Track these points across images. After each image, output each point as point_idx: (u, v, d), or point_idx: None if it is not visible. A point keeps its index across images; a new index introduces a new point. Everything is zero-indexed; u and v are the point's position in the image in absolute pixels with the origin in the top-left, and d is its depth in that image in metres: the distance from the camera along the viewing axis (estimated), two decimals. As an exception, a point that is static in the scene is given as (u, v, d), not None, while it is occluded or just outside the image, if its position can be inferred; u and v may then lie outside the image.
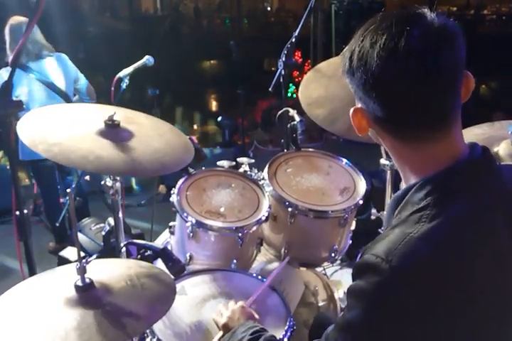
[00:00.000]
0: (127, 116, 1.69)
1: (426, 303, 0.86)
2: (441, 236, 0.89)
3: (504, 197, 0.96)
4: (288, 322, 1.65)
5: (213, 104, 9.67)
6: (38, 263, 1.77)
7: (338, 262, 3.01)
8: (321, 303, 2.17)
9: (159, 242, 2.38)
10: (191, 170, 2.14)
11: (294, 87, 6.30)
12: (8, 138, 1.62)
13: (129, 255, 1.85)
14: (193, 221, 1.95)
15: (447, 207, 0.91)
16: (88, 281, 1.23)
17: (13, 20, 3.33)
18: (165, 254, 1.56)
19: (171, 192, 2.08)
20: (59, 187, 3.73)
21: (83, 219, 3.19)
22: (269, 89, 2.91)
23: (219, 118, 6.04)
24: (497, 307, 0.92)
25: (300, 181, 2.20)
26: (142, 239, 2.98)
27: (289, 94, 4.79)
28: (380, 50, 0.88)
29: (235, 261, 2.00)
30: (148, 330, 1.56)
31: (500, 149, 1.66)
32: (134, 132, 1.62)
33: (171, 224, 2.13)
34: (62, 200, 3.81)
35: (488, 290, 0.90)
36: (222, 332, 1.55)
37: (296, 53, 7.25)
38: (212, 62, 12.21)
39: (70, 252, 2.83)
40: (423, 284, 0.86)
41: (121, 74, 2.48)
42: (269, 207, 2.08)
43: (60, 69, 3.44)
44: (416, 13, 0.92)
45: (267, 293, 1.79)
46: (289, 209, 2.05)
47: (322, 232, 2.15)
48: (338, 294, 2.24)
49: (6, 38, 3.34)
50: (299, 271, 2.23)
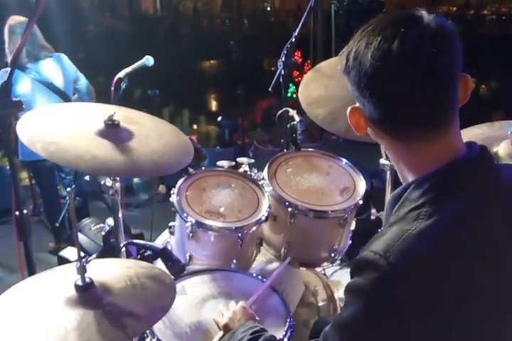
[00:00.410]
0: (129, 117, 1.68)
1: (424, 300, 0.86)
2: (440, 234, 0.89)
3: (502, 196, 0.96)
4: (288, 322, 1.65)
5: (213, 104, 9.66)
6: (38, 263, 1.76)
7: (338, 262, 3.01)
8: (320, 303, 2.17)
9: (159, 242, 2.37)
10: (191, 170, 2.14)
11: (293, 87, 6.29)
12: (8, 139, 1.62)
13: (128, 255, 1.84)
14: (193, 221, 1.95)
15: (445, 205, 0.91)
16: (88, 281, 1.23)
17: (13, 19, 3.30)
18: (165, 254, 1.56)
19: (171, 192, 2.07)
20: (58, 187, 3.73)
21: (83, 219, 3.19)
22: (269, 89, 2.91)
23: (219, 118, 6.04)
24: (495, 305, 0.92)
25: (300, 181, 2.20)
26: (142, 239, 2.98)
27: (288, 94, 4.77)
28: (374, 50, 0.89)
29: (234, 261, 2.01)
30: (148, 330, 1.56)
31: (500, 149, 1.66)
32: (134, 132, 1.60)
33: (171, 224, 2.13)
34: (62, 200, 3.81)
35: (486, 288, 0.91)
36: (222, 332, 1.55)
37: (295, 53, 7.26)
38: (212, 62, 12.21)
39: (70, 252, 2.83)
40: (421, 281, 0.86)
41: (121, 74, 2.48)
42: (269, 207, 2.08)
43: (59, 69, 3.43)
44: (413, 14, 0.92)
45: (267, 293, 1.79)
46: (289, 209, 2.05)
47: (322, 232, 2.15)
48: (338, 294, 2.24)
49: (5, 38, 3.32)
50: (299, 271, 2.23)
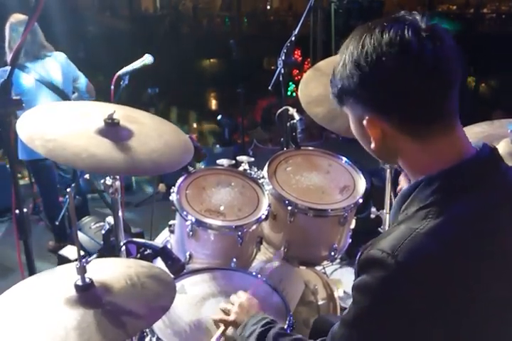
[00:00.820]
0: (130, 115, 1.67)
1: (431, 299, 0.86)
2: (448, 233, 0.90)
3: (510, 196, 0.96)
4: (288, 321, 1.65)
5: (213, 103, 9.66)
6: (38, 262, 1.77)
7: (338, 261, 3.01)
8: (320, 302, 2.17)
9: (159, 241, 2.38)
10: (191, 169, 2.15)
11: (293, 86, 6.29)
12: (8, 137, 1.62)
13: (128, 254, 1.84)
14: (193, 219, 1.95)
15: (454, 205, 0.91)
16: (88, 281, 1.23)
17: (14, 18, 3.29)
18: (164, 253, 1.56)
19: (171, 190, 2.08)
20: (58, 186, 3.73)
21: (83, 218, 3.19)
22: (269, 87, 2.90)
23: (219, 116, 6.04)
24: (500, 305, 0.93)
25: (300, 180, 2.20)
26: (142, 237, 2.98)
27: (288, 93, 4.76)
28: (388, 48, 0.90)
29: (234, 260, 2.00)
30: (147, 329, 1.56)
31: (500, 148, 1.66)
32: (134, 131, 1.59)
33: (171, 222, 2.13)
34: (61, 199, 3.81)
35: (491, 288, 0.91)
36: (221, 329, 1.54)
37: (295, 52, 7.24)
38: (212, 60, 12.20)
39: (70, 251, 2.83)
40: (428, 280, 0.87)
41: (120, 73, 2.48)
42: (269, 205, 2.08)
43: (58, 68, 3.43)
44: (401, 17, 0.94)
45: (267, 292, 1.79)
46: (289, 208, 2.05)
47: (322, 231, 2.15)
48: (338, 293, 2.24)
49: (6, 36, 3.32)
50: (299, 269, 2.24)
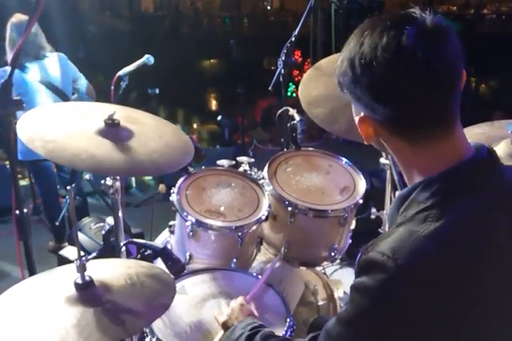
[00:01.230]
0: (131, 116, 1.67)
1: (430, 302, 0.86)
2: (448, 236, 0.89)
3: (506, 197, 0.96)
4: (288, 322, 1.65)
5: (213, 103, 9.66)
6: (38, 263, 1.76)
7: (338, 261, 3.01)
8: (320, 303, 2.17)
9: (159, 241, 2.38)
10: (191, 170, 2.15)
11: (293, 86, 6.30)
12: (8, 138, 1.62)
13: (128, 254, 1.84)
14: (193, 220, 1.95)
15: (453, 207, 0.91)
16: (88, 279, 1.23)
17: (15, 18, 3.29)
18: (165, 253, 1.56)
19: (171, 191, 2.08)
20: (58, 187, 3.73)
21: (83, 219, 3.19)
22: (269, 88, 2.90)
23: (219, 117, 6.03)
24: (498, 307, 0.93)
25: (300, 180, 2.20)
26: (142, 238, 2.98)
27: (288, 93, 4.77)
28: (383, 52, 0.89)
29: (234, 261, 2.01)
30: (147, 330, 1.56)
31: (500, 148, 1.66)
32: (134, 132, 1.59)
33: (171, 223, 2.13)
34: (61, 200, 3.81)
35: (490, 290, 0.91)
36: (223, 332, 1.55)
37: (295, 52, 7.25)
38: (212, 61, 12.21)
39: (70, 251, 2.83)
40: (428, 283, 0.87)
41: (120, 73, 2.48)
42: (269, 206, 2.08)
43: (58, 68, 3.42)
44: (409, 14, 0.92)
45: (267, 292, 1.79)
46: (289, 209, 2.05)
47: (322, 231, 2.15)
48: (338, 293, 2.24)
49: (6, 36, 3.32)
50: (299, 270, 2.24)
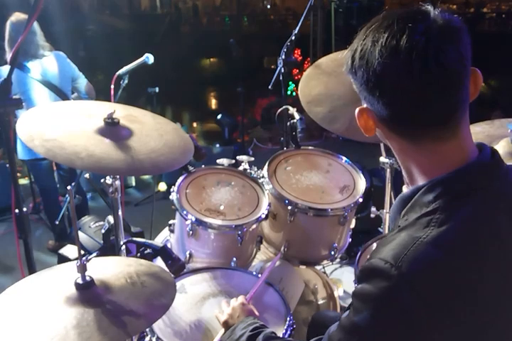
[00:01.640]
0: (130, 115, 1.67)
1: (434, 310, 0.85)
2: (451, 242, 0.88)
3: (508, 198, 0.95)
4: (288, 321, 1.65)
5: (213, 102, 9.67)
6: (38, 261, 1.77)
7: (338, 260, 3.02)
8: (320, 301, 2.17)
9: (159, 240, 2.38)
10: (191, 168, 2.15)
11: (293, 85, 6.31)
12: (8, 136, 1.62)
13: (128, 253, 1.84)
14: (193, 219, 1.95)
15: (457, 212, 0.89)
16: (88, 279, 1.23)
17: (15, 16, 3.29)
18: (164, 252, 1.55)
19: (171, 190, 2.08)
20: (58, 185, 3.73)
21: (83, 217, 3.19)
22: (269, 87, 2.90)
23: (219, 116, 6.03)
24: (503, 314, 0.91)
25: (300, 179, 2.20)
26: (142, 237, 2.98)
27: (288, 92, 4.77)
28: (381, 47, 0.87)
29: (234, 259, 2.01)
30: (147, 329, 1.56)
31: (500, 147, 1.66)
32: (134, 131, 1.60)
33: (171, 222, 2.13)
34: (61, 198, 3.81)
35: (496, 296, 0.90)
36: (223, 330, 1.55)
37: (295, 51, 7.25)
38: (211, 60, 12.21)
39: (70, 250, 2.83)
40: (432, 291, 0.85)
41: (120, 72, 2.48)
42: (269, 205, 2.08)
43: (57, 67, 3.41)
44: (419, 10, 0.90)
45: (267, 292, 1.79)
46: (289, 208, 2.05)
47: (322, 230, 2.15)
48: (338, 292, 2.24)
49: (6, 35, 3.31)
50: (299, 269, 2.24)
